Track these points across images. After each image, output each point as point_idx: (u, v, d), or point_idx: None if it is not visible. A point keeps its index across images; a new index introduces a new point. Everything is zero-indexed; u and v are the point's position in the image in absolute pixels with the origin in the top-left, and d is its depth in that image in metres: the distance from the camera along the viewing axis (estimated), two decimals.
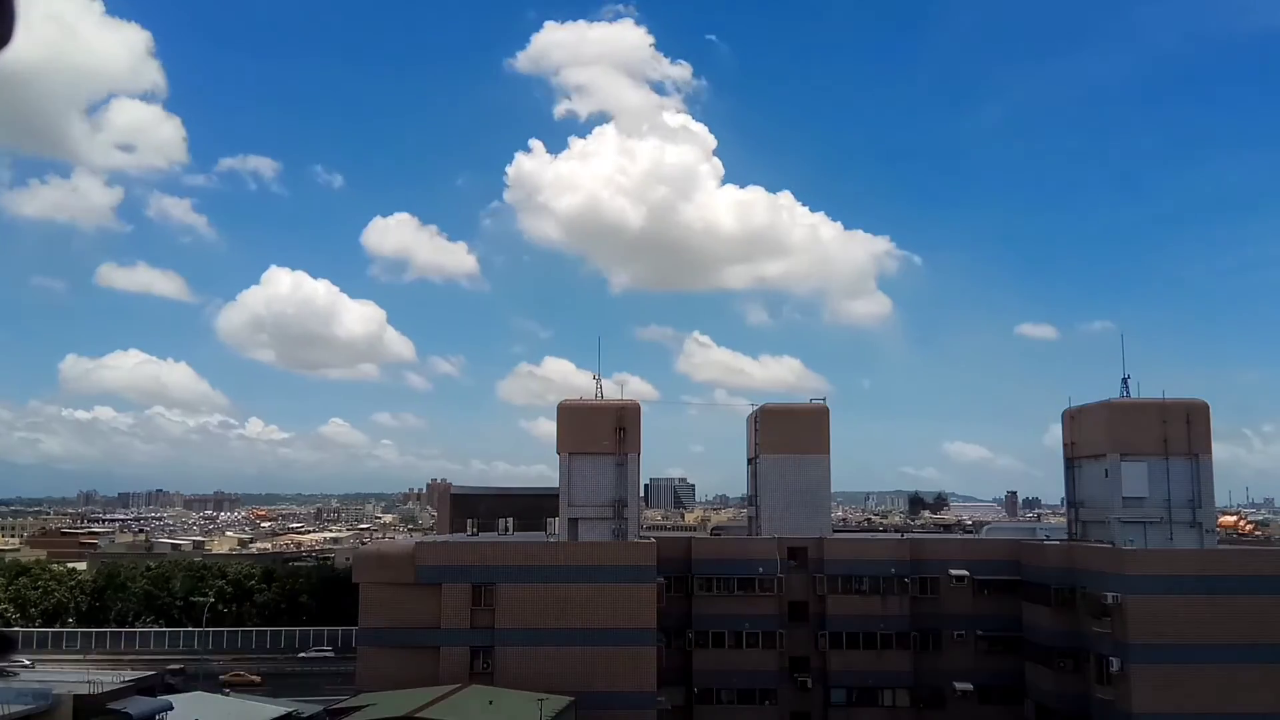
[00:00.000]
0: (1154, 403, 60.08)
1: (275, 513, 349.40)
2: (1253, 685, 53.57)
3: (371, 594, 59.43)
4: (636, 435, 62.15)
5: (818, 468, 66.68)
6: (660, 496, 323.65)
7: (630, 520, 61.07)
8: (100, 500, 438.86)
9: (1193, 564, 56.37)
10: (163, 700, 53.12)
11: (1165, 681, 53.78)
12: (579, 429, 62.07)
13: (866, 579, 63.57)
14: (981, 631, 63.51)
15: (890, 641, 62.95)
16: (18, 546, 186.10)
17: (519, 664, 56.69)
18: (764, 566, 62.67)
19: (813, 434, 67.05)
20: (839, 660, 62.96)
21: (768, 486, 67.05)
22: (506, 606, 57.86)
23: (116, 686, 51.73)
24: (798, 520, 65.60)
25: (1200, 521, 58.84)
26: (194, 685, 66.40)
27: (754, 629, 62.23)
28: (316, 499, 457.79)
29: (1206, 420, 60.08)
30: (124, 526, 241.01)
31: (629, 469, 61.59)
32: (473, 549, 61.25)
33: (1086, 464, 63.27)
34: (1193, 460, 59.10)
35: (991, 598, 63.87)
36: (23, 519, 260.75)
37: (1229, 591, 54.87)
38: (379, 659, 58.08)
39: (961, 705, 62.69)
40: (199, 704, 54.67)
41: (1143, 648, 54.09)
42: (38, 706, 47.16)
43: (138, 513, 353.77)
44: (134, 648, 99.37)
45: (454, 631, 57.86)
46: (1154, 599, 54.61)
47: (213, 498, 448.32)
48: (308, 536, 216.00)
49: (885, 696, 62.95)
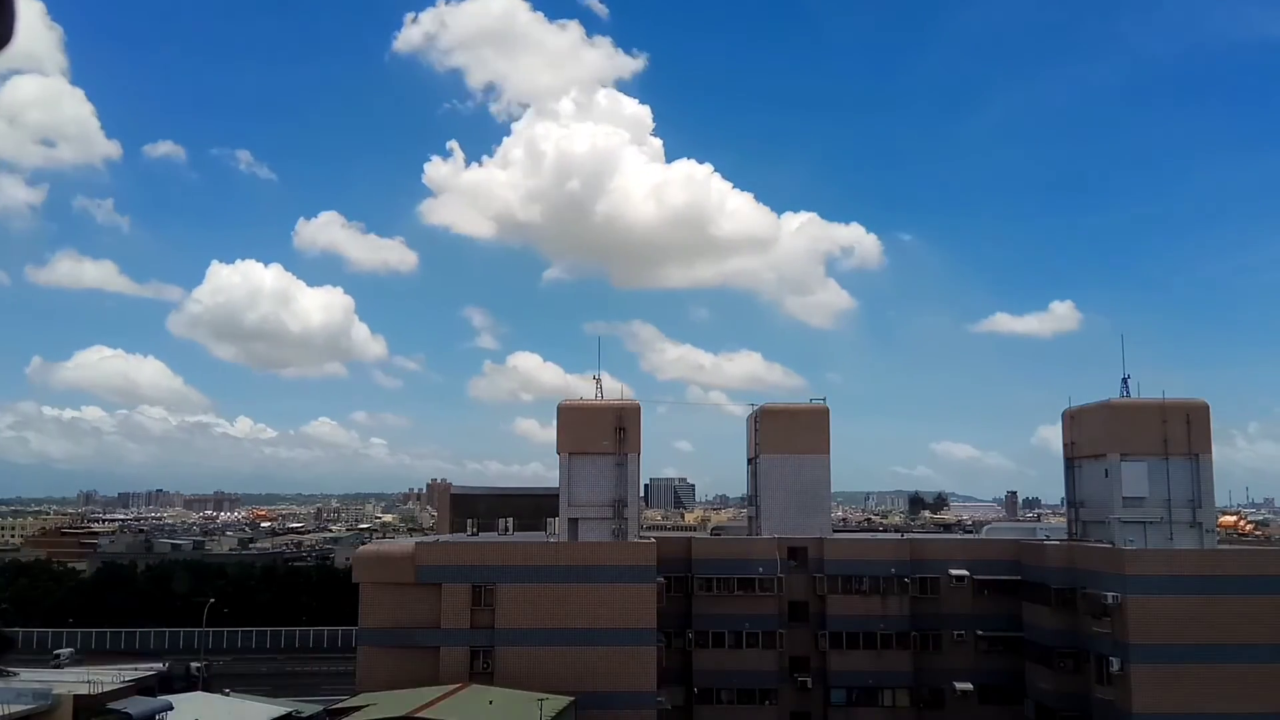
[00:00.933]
0: (1154, 403, 60.06)
1: (275, 513, 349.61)
2: (1253, 685, 53.52)
3: (371, 594, 59.42)
4: (636, 435, 62.16)
5: (818, 468, 66.65)
6: (660, 496, 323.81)
7: (630, 520, 61.07)
8: (100, 500, 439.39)
9: (1193, 564, 56.36)
10: (163, 700, 53.07)
11: (1165, 681, 53.75)
12: (579, 429, 62.06)
13: (866, 579, 63.55)
14: (981, 631, 63.50)
15: (890, 641, 62.94)
16: (18, 546, 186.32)
17: (519, 664, 56.69)
18: (764, 566, 62.65)
19: (813, 434, 67.02)
20: (839, 660, 62.95)
21: (768, 486, 67.03)
22: (506, 606, 57.86)
23: (116, 686, 51.69)
24: (798, 520, 65.58)
25: (1200, 521, 58.81)
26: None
27: (754, 629, 62.21)
28: (316, 499, 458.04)
29: (1206, 420, 60.07)
30: (124, 526, 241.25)
31: (629, 469, 61.60)
32: (473, 549, 61.25)
33: (1086, 464, 63.27)
34: (1193, 460, 59.07)
35: (991, 598, 63.86)
36: (23, 519, 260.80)
37: (1229, 591, 54.84)
38: (379, 659, 58.06)
39: (961, 705, 62.69)
40: (199, 704, 54.64)
41: (1143, 648, 54.06)
42: (38, 706, 47.14)
43: (138, 513, 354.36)
44: (134, 648, 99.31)
45: (454, 632, 57.85)
46: (1154, 599, 54.59)
47: (213, 498, 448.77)
48: (308, 536, 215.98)
49: (885, 696, 62.94)
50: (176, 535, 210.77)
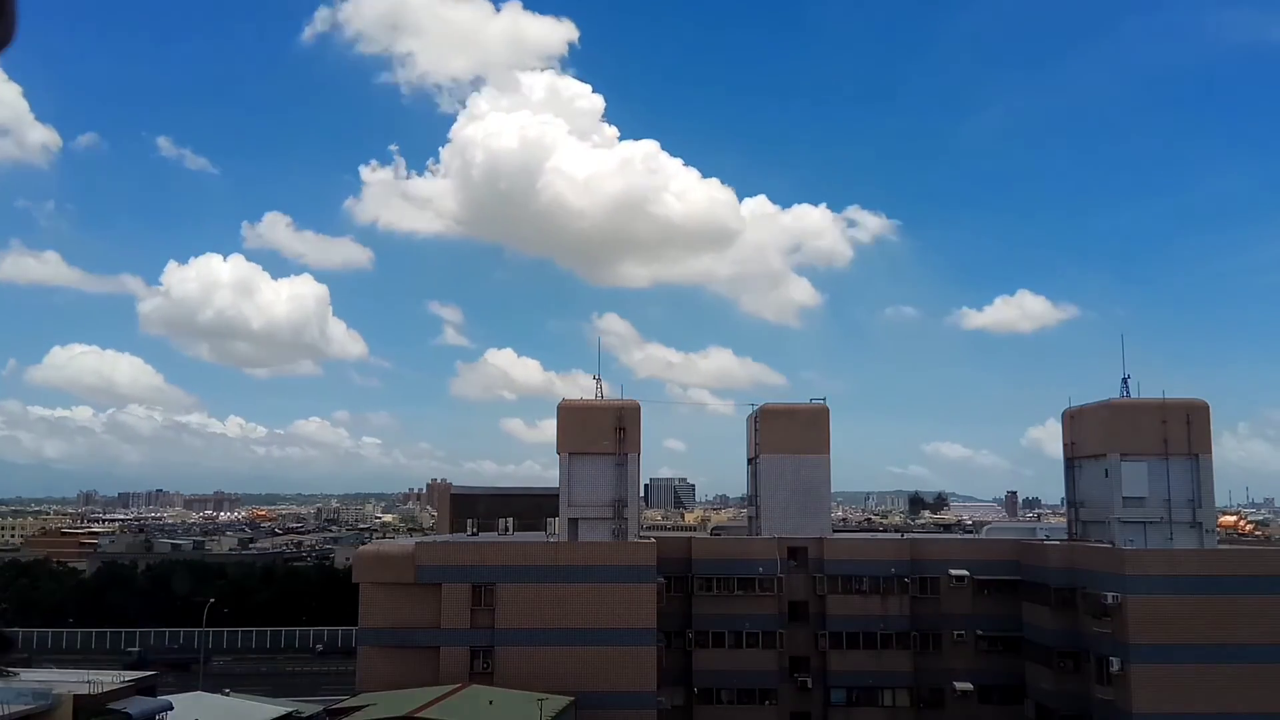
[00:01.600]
0: (1154, 403, 60.06)
1: (275, 513, 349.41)
2: (1253, 685, 53.52)
3: (371, 594, 59.43)
4: (636, 435, 62.17)
5: (818, 468, 66.64)
6: (660, 496, 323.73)
7: (630, 520, 61.07)
8: (100, 500, 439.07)
9: (1193, 564, 56.37)
10: (163, 700, 53.04)
11: (1165, 681, 53.75)
12: (579, 429, 62.07)
13: (866, 579, 63.56)
14: (981, 631, 63.50)
15: (890, 641, 62.94)
16: (18, 546, 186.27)
17: (519, 664, 56.70)
18: (764, 566, 62.66)
19: (813, 434, 67.02)
20: (839, 660, 62.96)
21: (768, 486, 67.02)
22: (506, 606, 57.87)
23: (116, 686, 51.62)
24: (798, 520, 65.57)
25: (1200, 521, 58.84)
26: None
27: (754, 629, 62.22)
28: (316, 499, 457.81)
29: (1206, 420, 60.08)
30: (124, 526, 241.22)
31: (629, 469, 61.60)
32: (473, 549, 61.25)
33: (1086, 464, 63.28)
34: (1193, 460, 59.09)
35: (991, 598, 63.87)
36: (23, 519, 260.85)
37: (1229, 591, 54.86)
38: (379, 659, 58.08)
39: (961, 705, 62.68)
40: (199, 704, 54.61)
41: (1143, 648, 54.06)
42: (38, 706, 47.09)
43: (138, 513, 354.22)
44: (134, 648, 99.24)
45: (454, 632, 57.85)
46: (1154, 599, 54.59)
47: (213, 498, 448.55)
48: (307, 536, 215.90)
49: (885, 696, 62.96)
50: (176, 535, 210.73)
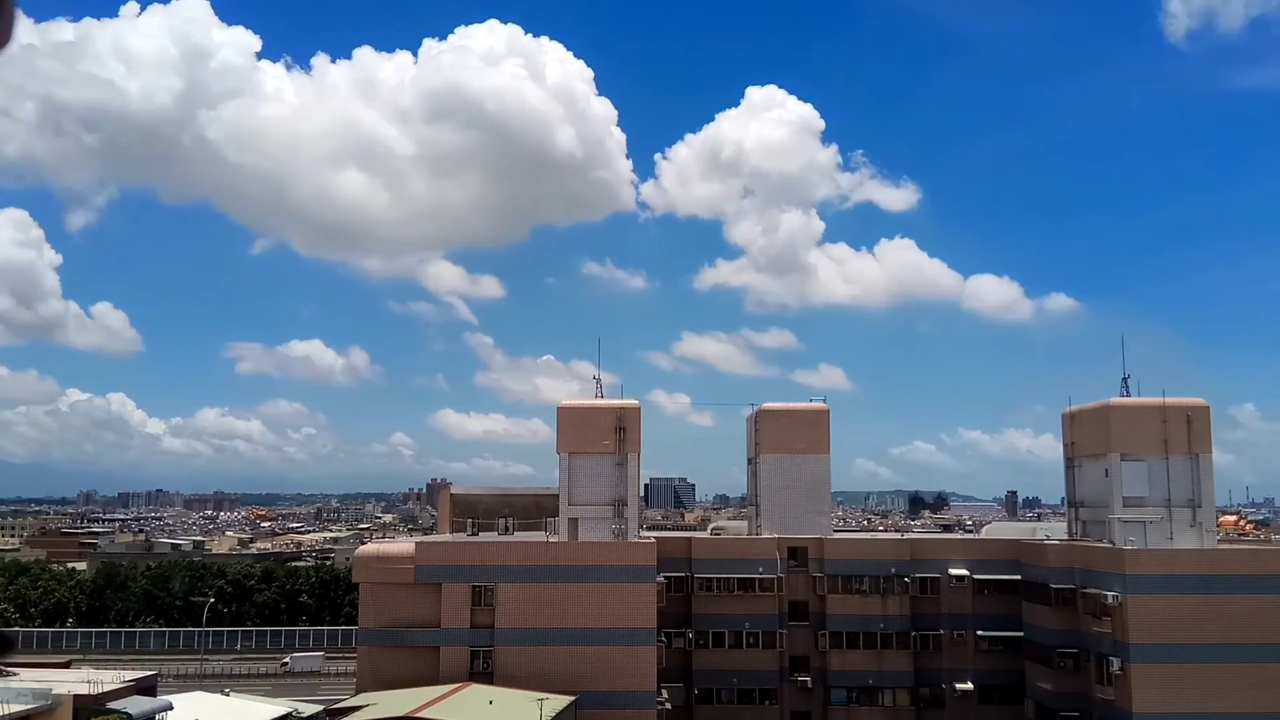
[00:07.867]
0: (1154, 403, 60.03)
1: (275, 513, 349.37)
2: (1253, 685, 53.53)
3: (371, 594, 59.43)
4: (637, 435, 62.13)
5: (818, 468, 66.67)
6: (660, 496, 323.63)
7: (630, 520, 61.05)
8: (100, 500, 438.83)
9: (1193, 564, 56.34)
10: (163, 700, 53.01)
11: (1165, 681, 53.76)
12: (579, 429, 62.03)
13: (866, 579, 63.56)
14: (981, 631, 63.50)
15: (890, 641, 62.94)
16: (18, 546, 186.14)
17: (519, 664, 56.67)
18: (764, 566, 62.66)
19: (813, 434, 67.04)
20: (839, 660, 62.95)
21: (768, 486, 67.02)
22: (506, 606, 57.85)
23: (116, 686, 51.60)
24: (798, 520, 65.60)
25: (1200, 521, 58.83)
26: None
27: (754, 629, 62.23)
28: (316, 499, 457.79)
29: (1207, 420, 60.05)
30: (124, 526, 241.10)
31: (629, 469, 61.56)
32: (473, 549, 61.20)
33: (1086, 464, 63.28)
34: (1193, 460, 59.07)
35: (991, 598, 63.87)
36: (23, 519, 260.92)
37: (1229, 591, 54.86)
38: (379, 659, 58.07)
39: (961, 705, 62.69)
40: (199, 704, 54.59)
41: (1143, 648, 54.07)
42: (38, 706, 47.07)
43: (137, 513, 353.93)
44: (134, 648, 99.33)
45: (454, 631, 57.85)
46: (1154, 599, 54.60)
47: (212, 498, 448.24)
48: (308, 536, 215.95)
49: (885, 696, 62.95)
50: (176, 535, 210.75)
